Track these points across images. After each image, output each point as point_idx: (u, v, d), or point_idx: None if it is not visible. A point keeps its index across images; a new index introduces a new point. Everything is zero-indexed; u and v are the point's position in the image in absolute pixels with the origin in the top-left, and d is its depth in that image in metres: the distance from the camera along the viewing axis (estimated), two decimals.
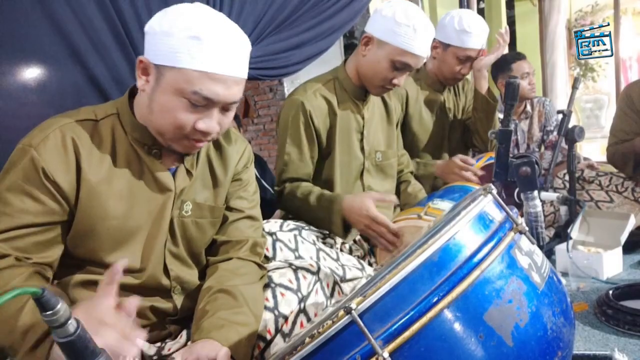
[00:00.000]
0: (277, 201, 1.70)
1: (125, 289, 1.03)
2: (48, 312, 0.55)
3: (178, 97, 0.94)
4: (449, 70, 2.06)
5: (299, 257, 1.34)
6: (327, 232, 1.57)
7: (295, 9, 2.14)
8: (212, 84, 0.93)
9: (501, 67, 2.95)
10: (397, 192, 1.97)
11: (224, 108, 0.99)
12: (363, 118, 1.75)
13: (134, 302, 0.81)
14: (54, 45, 1.49)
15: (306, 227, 1.48)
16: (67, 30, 1.50)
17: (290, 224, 1.43)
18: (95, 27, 1.56)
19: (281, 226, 1.39)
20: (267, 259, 1.28)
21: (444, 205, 1.66)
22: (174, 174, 1.07)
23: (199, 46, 0.91)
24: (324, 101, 1.67)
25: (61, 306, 0.56)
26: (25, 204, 0.93)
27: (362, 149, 1.75)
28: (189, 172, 1.09)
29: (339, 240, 1.59)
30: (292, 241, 1.36)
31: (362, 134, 1.74)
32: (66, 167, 0.95)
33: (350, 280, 1.34)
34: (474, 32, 1.98)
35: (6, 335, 0.84)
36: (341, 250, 1.57)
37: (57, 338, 0.57)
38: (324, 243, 1.52)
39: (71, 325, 0.57)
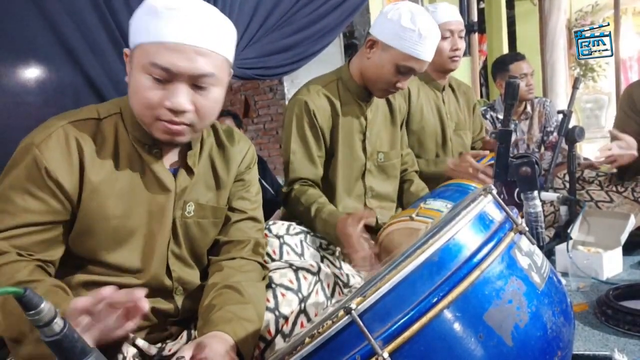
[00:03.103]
0: (282, 203, 1.69)
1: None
2: (31, 312, 0.56)
3: (143, 74, 0.93)
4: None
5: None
6: None
7: (286, 10, 2.16)
8: (169, 54, 0.91)
9: (499, 68, 2.97)
10: (400, 191, 1.96)
11: (195, 85, 0.95)
12: (366, 119, 1.74)
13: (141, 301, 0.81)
14: (49, 46, 1.50)
15: (311, 233, 1.48)
16: (62, 31, 1.51)
17: (297, 227, 1.43)
18: (90, 28, 1.56)
19: (288, 229, 1.39)
20: (274, 262, 1.28)
21: (437, 204, 1.65)
22: (175, 174, 1.06)
23: (154, 20, 0.91)
24: (327, 101, 1.67)
25: (44, 305, 0.56)
26: (28, 202, 0.93)
27: (364, 149, 1.75)
28: (190, 172, 1.08)
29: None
30: (298, 246, 1.36)
31: (364, 134, 1.74)
32: (69, 166, 0.95)
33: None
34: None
35: (14, 325, 0.84)
36: (341, 259, 1.57)
37: (44, 337, 0.58)
38: (326, 249, 1.52)
39: (56, 325, 0.58)
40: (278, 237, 1.34)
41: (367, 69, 1.66)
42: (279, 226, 1.38)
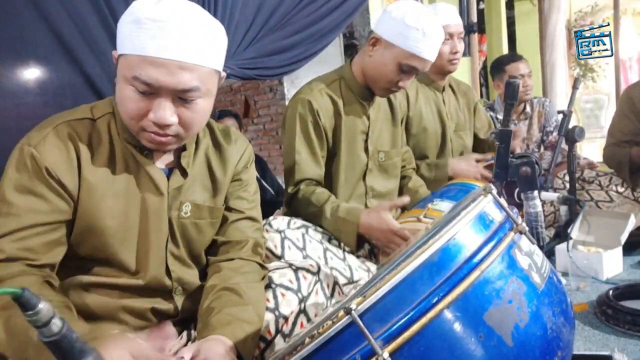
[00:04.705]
0: (287, 204, 1.67)
1: (128, 290, 1.03)
2: (29, 312, 0.56)
3: (126, 85, 0.92)
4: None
5: (306, 257, 1.34)
6: None
7: (287, 11, 2.17)
8: (151, 68, 0.88)
9: (496, 68, 2.97)
10: (400, 189, 1.96)
11: (180, 98, 0.92)
12: (368, 118, 1.74)
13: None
14: (49, 46, 1.50)
15: (312, 227, 1.48)
16: (62, 31, 1.51)
17: (297, 221, 1.42)
18: (90, 28, 1.57)
19: (289, 223, 1.39)
20: (276, 256, 1.28)
21: (444, 205, 1.65)
22: (169, 174, 1.06)
23: (138, 30, 0.88)
24: (330, 101, 1.66)
25: (43, 306, 0.56)
26: (32, 203, 0.93)
27: (366, 149, 1.75)
28: (184, 172, 1.08)
29: None
30: (300, 240, 1.36)
31: (367, 134, 1.74)
32: (68, 166, 0.96)
33: (358, 281, 1.34)
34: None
35: (20, 348, 0.83)
36: (344, 250, 1.56)
37: (42, 337, 0.58)
38: (329, 242, 1.52)
39: (55, 325, 0.58)
40: (279, 231, 1.33)
41: (369, 67, 1.65)
42: (279, 221, 1.38)
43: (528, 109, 2.99)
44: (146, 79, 0.89)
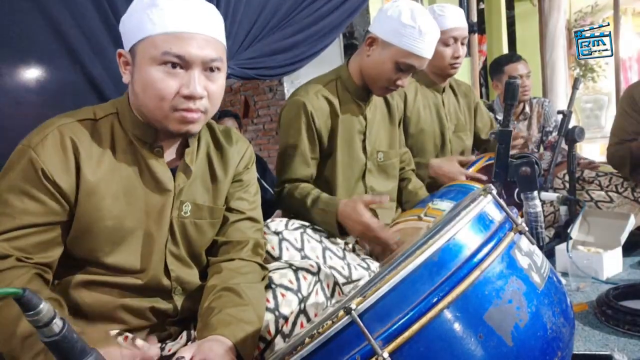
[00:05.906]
0: (275, 201, 1.70)
1: (127, 290, 1.03)
2: (30, 312, 0.56)
3: (153, 66, 0.94)
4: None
5: (304, 257, 1.34)
6: None
7: (289, 11, 2.16)
8: (180, 42, 0.94)
9: (495, 69, 2.97)
10: (399, 190, 1.96)
11: (205, 71, 0.98)
12: (365, 119, 1.74)
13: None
14: (50, 45, 1.49)
15: (311, 226, 1.48)
16: (63, 30, 1.51)
17: (296, 222, 1.43)
18: (91, 26, 1.56)
19: (287, 225, 1.39)
20: (274, 258, 1.28)
21: (444, 205, 1.66)
22: (174, 174, 1.06)
23: (158, 11, 0.93)
24: (326, 102, 1.66)
25: (44, 306, 0.56)
26: (26, 204, 0.93)
27: (364, 149, 1.75)
28: (188, 169, 1.08)
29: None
30: (298, 240, 1.36)
31: (364, 134, 1.74)
32: (65, 167, 0.96)
33: (357, 280, 1.34)
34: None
35: (6, 340, 0.84)
36: (344, 249, 1.56)
37: (42, 337, 0.58)
38: (329, 239, 1.52)
39: (56, 325, 0.58)
40: (277, 233, 1.34)
41: (367, 67, 1.65)
42: (277, 223, 1.38)
43: (527, 109, 2.99)
44: (178, 52, 0.93)
